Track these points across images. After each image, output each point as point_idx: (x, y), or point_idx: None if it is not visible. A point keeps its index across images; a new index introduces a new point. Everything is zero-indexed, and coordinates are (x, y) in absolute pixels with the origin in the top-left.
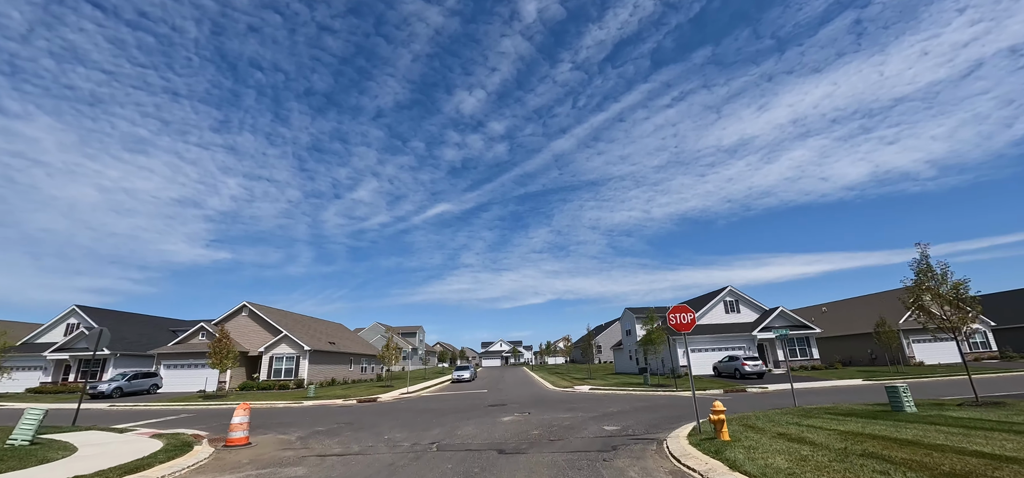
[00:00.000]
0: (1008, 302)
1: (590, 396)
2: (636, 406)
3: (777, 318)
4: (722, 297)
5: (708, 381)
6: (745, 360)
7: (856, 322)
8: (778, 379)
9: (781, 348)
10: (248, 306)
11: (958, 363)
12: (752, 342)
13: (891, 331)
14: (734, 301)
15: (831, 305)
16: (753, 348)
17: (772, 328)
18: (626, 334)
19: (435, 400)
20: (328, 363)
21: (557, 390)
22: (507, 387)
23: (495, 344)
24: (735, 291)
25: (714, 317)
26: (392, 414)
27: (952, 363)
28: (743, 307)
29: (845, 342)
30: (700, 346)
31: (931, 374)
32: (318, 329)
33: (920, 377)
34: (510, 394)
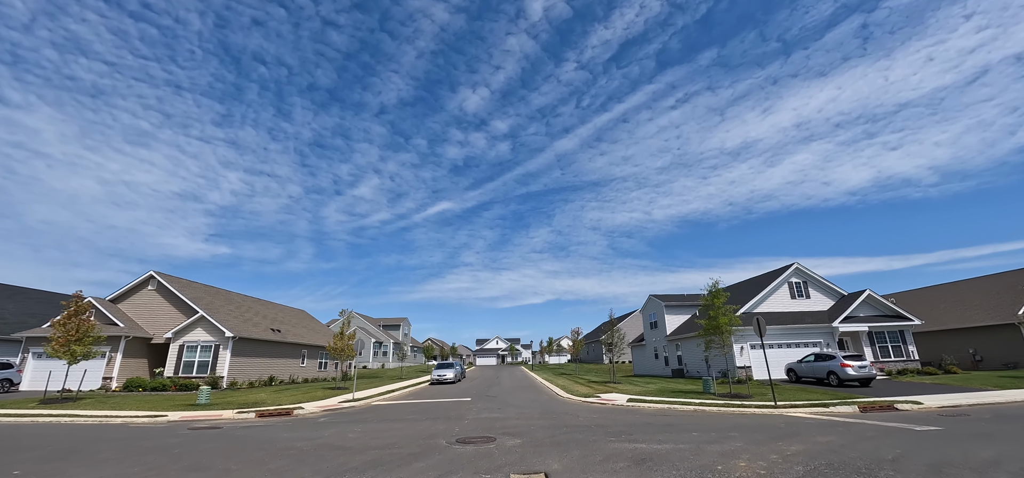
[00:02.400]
0: None
1: (643, 418)
2: (790, 452)
3: (863, 305)
4: (787, 277)
5: (790, 389)
6: (846, 360)
7: (946, 315)
8: (895, 387)
9: (870, 345)
10: (156, 277)
11: None
12: (831, 335)
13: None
14: (801, 283)
15: (898, 296)
16: (832, 343)
17: (855, 318)
18: (650, 326)
19: (378, 417)
20: (266, 356)
21: (576, 401)
22: (502, 393)
23: (490, 341)
24: (803, 270)
25: (777, 303)
26: (242, 457)
27: None
28: (814, 290)
29: (932, 340)
30: (758, 341)
31: None
32: (257, 313)
33: None
34: (506, 406)
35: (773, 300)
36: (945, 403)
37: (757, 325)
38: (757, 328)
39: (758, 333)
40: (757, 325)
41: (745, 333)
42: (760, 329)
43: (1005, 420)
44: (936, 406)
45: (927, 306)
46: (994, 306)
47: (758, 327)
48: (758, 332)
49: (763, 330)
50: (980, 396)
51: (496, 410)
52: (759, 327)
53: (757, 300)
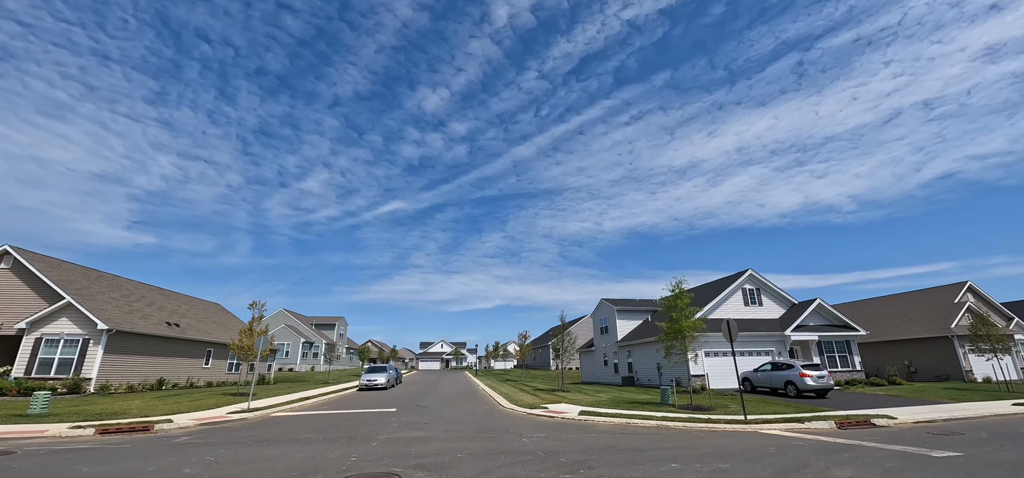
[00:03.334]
0: None
1: (601, 438)
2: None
3: (813, 314)
4: (741, 284)
5: (750, 400)
6: (804, 370)
7: (884, 327)
8: (850, 398)
9: (819, 354)
10: (11, 252)
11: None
12: (783, 344)
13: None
14: (755, 290)
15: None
16: (784, 351)
17: (806, 327)
18: (601, 332)
19: (261, 436)
20: (157, 354)
21: (521, 414)
22: (436, 402)
23: (435, 345)
24: (757, 277)
25: (731, 310)
26: None
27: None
28: (766, 298)
29: (871, 351)
30: (716, 349)
31: None
32: (151, 303)
33: None
34: (436, 420)
35: (727, 307)
36: (918, 417)
37: (727, 330)
38: (727, 333)
39: (728, 339)
40: (727, 330)
41: (699, 341)
42: (730, 334)
43: (1009, 441)
44: (911, 421)
45: (865, 318)
46: (929, 320)
47: (728, 332)
48: (728, 338)
49: (734, 335)
50: (947, 410)
51: (420, 427)
52: (729, 332)
53: (712, 306)
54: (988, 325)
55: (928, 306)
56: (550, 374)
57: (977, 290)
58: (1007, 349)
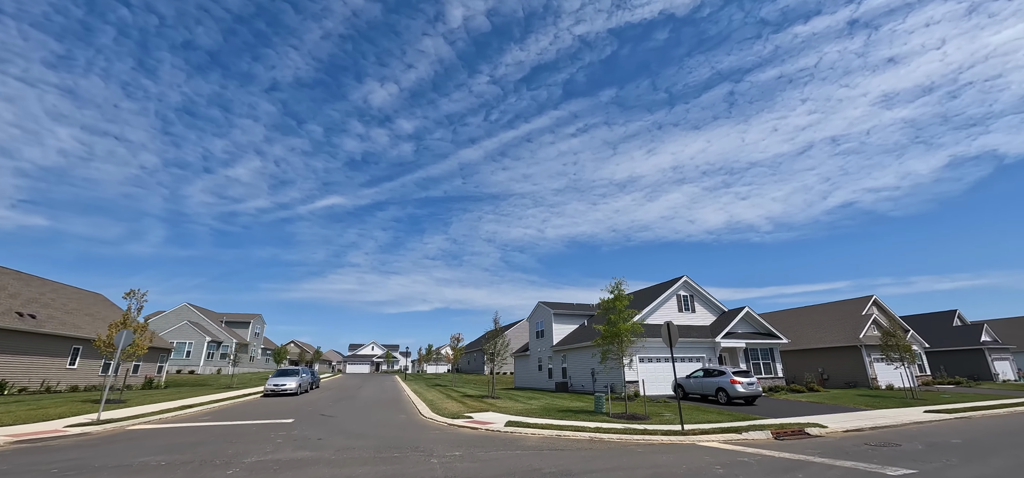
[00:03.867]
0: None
1: (527, 456)
2: None
3: (742, 322)
4: (676, 290)
5: (683, 407)
6: (735, 377)
7: (801, 337)
8: (775, 405)
9: (746, 361)
10: None
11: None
12: (713, 350)
13: (853, 348)
14: (689, 296)
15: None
16: (714, 358)
17: (735, 334)
18: (536, 336)
19: (82, 464)
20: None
21: (440, 424)
22: (347, 411)
23: (365, 347)
24: (691, 284)
25: (666, 316)
26: None
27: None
28: (699, 305)
29: (789, 358)
30: (650, 354)
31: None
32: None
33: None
34: (335, 434)
35: (663, 312)
36: (846, 426)
37: (667, 333)
38: (667, 337)
39: (667, 343)
40: (667, 333)
41: (635, 346)
42: (670, 338)
43: (952, 454)
44: (841, 430)
45: (784, 328)
46: (840, 330)
47: (668, 336)
48: (668, 342)
49: (673, 340)
50: (869, 418)
51: (310, 445)
52: (669, 336)
53: (649, 311)
54: (897, 335)
55: (839, 318)
56: (483, 379)
57: (881, 304)
58: (912, 358)
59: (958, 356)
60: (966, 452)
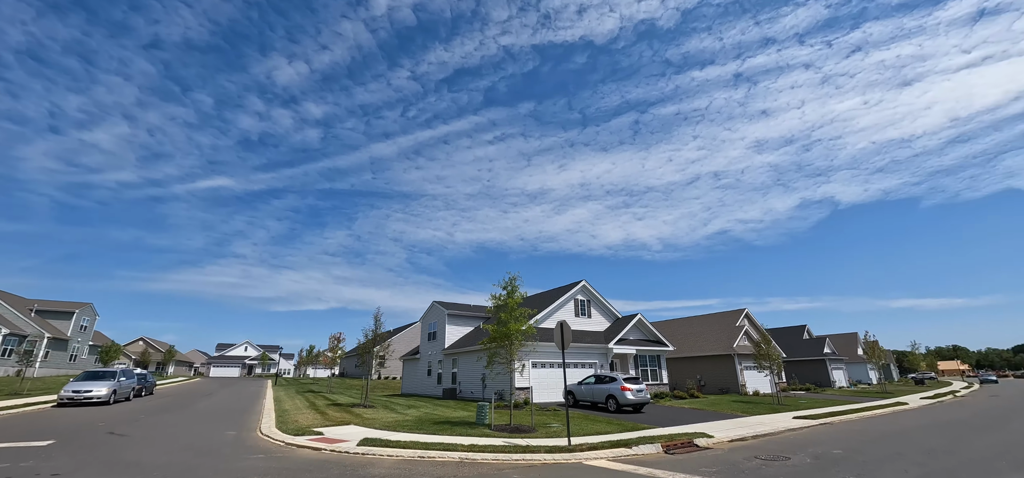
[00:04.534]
0: (788, 337)
1: None
2: None
3: (634, 329)
4: (573, 294)
5: (572, 416)
6: (626, 384)
7: (684, 345)
8: (661, 412)
9: (635, 368)
10: None
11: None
12: (606, 356)
13: (727, 357)
14: (586, 301)
15: None
16: (606, 364)
17: (627, 340)
18: (428, 338)
19: None
20: None
21: (277, 446)
22: (155, 431)
23: (236, 347)
24: (589, 289)
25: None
26: None
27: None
28: (595, 310)
29: (672, 366)
30: (543, 359)
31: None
32: None
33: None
34: (98, 465)
35: (559, 316)
36: (731, 435)
37: (560, 335)
38: (560, 339)
39: (560, 345)
40: (560, 335)
41: (527, 349)
42: (563, 340)
43: (842, 466)
44: (727, 440)
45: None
46: (717, 340)
47: (561, 338)
48: (560, 344)
49: (566, 341)
50: (749, 425)
51: None
52: (562, 338)
53: (544, 314)
54: (769, 345)
55: (716, 328)
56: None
57: (751, 317)
58: (779, 367)
59: (807, 365)
60: (855, 466)
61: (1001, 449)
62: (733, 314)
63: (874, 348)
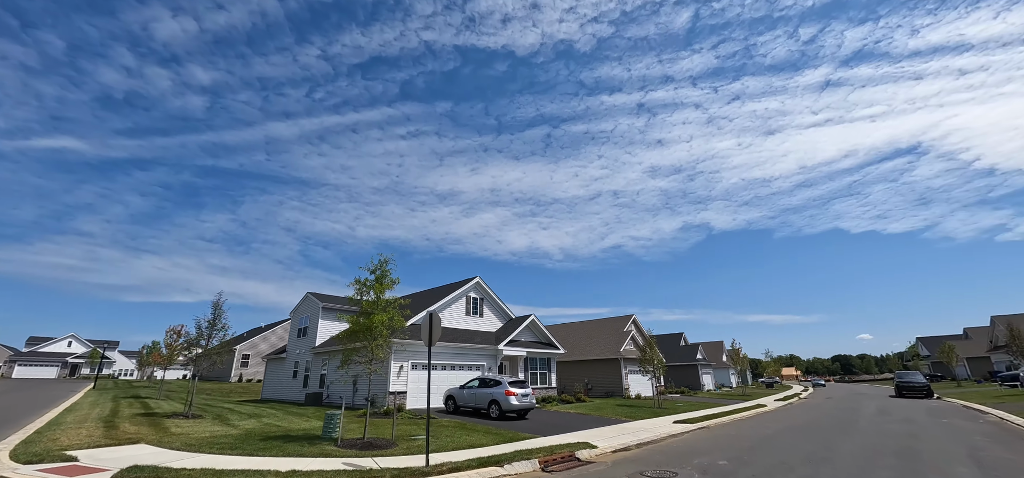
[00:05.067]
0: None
1: None
2: None
3: (526, 330)
4: (466, 291)
5: (449, 425)
6: (511, 388)
7: (575, 348)
8: (546, 418)
9: (524, 370)
10: None
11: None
12: (495, 358)
13: (614, 361)
14: (479, 299)
15: None
16: (494, 366)
17: (519, 342)
18: (298, 335)
19: None
20: None
21: None
22: None
23: (56, 341)
24: (483, 286)
25: (452, 318)
26: None
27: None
28: (488, 309)
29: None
30: (424, 360)
31: None
32: None
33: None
34: None
35: (449, 314)
36: (614, 444)
37: (429, 325)
38: (428, 331)
39: (427, 339)
40: (429, 325)
41: (408, 348)
42: (431, 333)
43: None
44: (610, 450)
45: (560, 339)
46: (605, 344)
47: (429, 330)
48: (427, 338)
49: (434, 334)
50: (632, 432)
51: None
52: (430, 330)
53: (433, 310)
54: (653, 350)
55: (605, 333)
56: (228, 387)
57: (638, 323)
58: (662, 371)
59: (682, 370)
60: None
61: (870, 451)
62: (621, 320)
63: (737, 355)
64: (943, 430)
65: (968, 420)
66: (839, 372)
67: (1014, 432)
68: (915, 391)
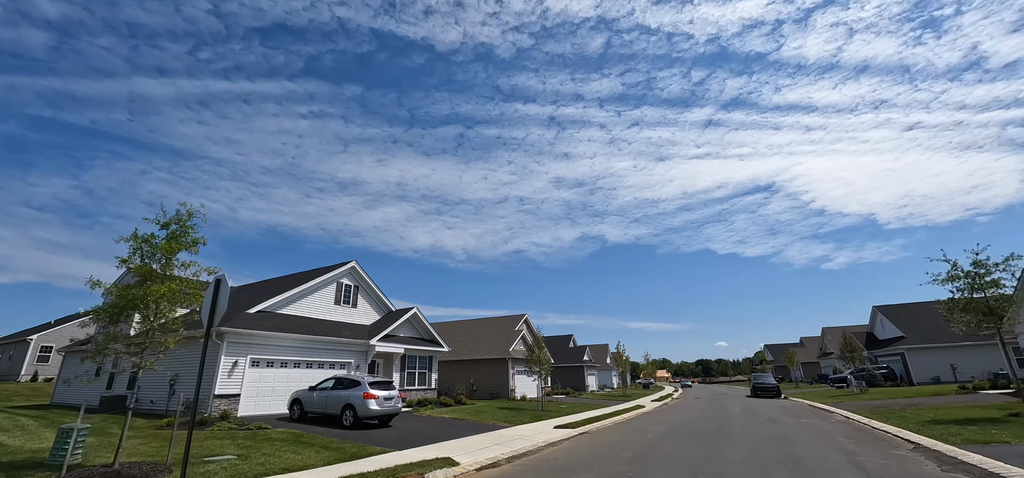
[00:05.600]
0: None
1: None
2: None
3: (407, 324)
4: (338, 276)
5: (280, 437)
6: (372, 389)
7: (465, 347)
8: (417, 424)
9: (401, 370)
10: None
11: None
12: (365, 355)
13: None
14: (354, 287)
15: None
16: (364, 364)
17: (396, 337)
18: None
19: None
20: None
21: None
22: None
23: None
24: (359, 272)
25: (318, 307)
26: None
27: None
28: (364, 299)
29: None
30: (272, 356)
31: None
32: None
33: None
34: None
35: (315, 301)
36: (481, 458)
37: (213, 295)
38: (210, 304)
39: (207, 315)
40: (213, 295)
41: (250, 340)
42: (214, 307)
43: None
44: (474, 468)
45: (450, 337)
46: (495, 343)
47: (212, 301)
48: (208, 312)
49: (218, 309)
50: (507, 440)
51: None
52: (214, 302)
53: (290, 296)
54: (541, 350)
55: (496, 332)
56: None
57: (530, 323)
58: (549, 372)
59: (569, 371)
60: None
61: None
62: (512, 319)
63: (620, 358)
64: (809, 432)
65: (822, 420)
66: (701, 374)
67: (875, 436)
68: (767, 392)
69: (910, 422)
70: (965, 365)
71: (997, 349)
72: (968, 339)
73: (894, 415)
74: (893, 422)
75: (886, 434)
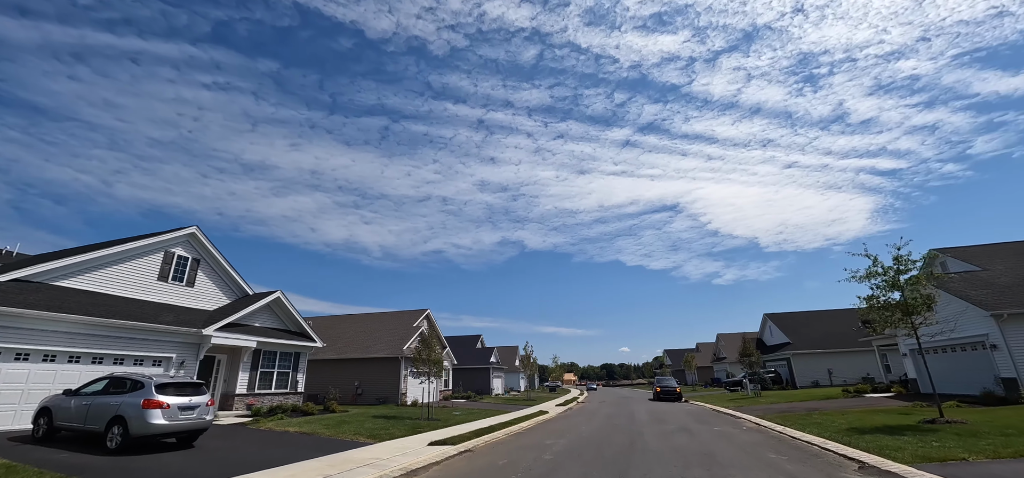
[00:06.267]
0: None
1: None
2: None
3: (266, 312)
4: (168, 244)
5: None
6: (162, 395)
7: (352, 344)
8: (253, 440)
9: (253, 369)
10: None
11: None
12: (195, 350)
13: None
14: (192, 260)
15: (316, 320)
16: (194, 364)
17: (248, 328)
18: None
19: None
20: None
21: None
22: None
23: None
24: (202, 242)
25: (131, 281)
26: None
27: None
28: (207, 276)
29: (326, 369)
30: (24, 344)
31: None
32: None
33: None
34: None
35: (127, 273)
36: None
37: None
38: None
39: None
40: None
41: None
42: None
43: None
44: None
45: (335, 334)
46: (388, 341)
47: None
48: None
49: None
50: (360, 465)
51: None
52: None
53: (81, 263)
54: (430, 348)
55: (392, 327)
56: None
57: (432, 319)
58: (439, 373)
59: (476, 372)
60: None
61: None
62: (413, 314)
63: (528, 359)
64: (732, 446)
65: (735, 428)
66: (606, 377)
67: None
68: (670, 396)
69: (828, 430)
70: (840, 369)
71: (868, 354)
72: (844, 346)
73: (805, 421)
74: (810, 430)
75: (813, 446)
